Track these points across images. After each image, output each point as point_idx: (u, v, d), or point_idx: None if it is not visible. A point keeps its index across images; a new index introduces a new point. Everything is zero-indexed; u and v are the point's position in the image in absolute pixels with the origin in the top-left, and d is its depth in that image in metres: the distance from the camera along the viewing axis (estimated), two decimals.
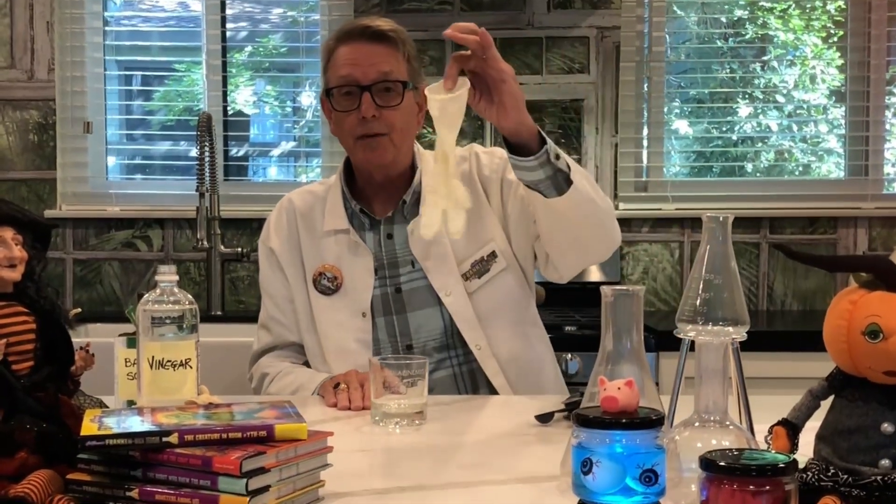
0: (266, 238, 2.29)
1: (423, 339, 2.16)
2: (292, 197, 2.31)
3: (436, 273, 2.16)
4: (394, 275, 2.18)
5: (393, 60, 2.13)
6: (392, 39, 2.14)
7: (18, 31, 3.65)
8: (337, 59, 2.15)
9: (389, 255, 2.19)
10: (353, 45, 2.14)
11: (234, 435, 1.23)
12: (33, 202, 3.68)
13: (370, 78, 2.11)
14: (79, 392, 1.42)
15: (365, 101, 2.10)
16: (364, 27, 2.14)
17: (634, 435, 1.13)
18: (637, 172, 3.75)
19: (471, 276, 2.17)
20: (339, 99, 2.15)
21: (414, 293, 2.17)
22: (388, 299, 2.17)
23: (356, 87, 2.11)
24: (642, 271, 3.68)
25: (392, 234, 2.20)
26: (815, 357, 3.06)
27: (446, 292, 2.14)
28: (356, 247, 2.19)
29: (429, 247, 2.16)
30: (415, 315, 2.17)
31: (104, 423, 1.25)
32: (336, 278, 2.18)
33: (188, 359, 1.66)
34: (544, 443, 1.68)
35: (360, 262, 2.18)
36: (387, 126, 2.12)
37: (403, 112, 2.14)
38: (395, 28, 2.17)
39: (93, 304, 3.67)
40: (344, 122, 2.15)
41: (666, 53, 3.76)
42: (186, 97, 3.97)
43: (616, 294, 1.27)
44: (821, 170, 3.91)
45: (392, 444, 1.70)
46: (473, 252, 2.18)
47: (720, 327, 1.32)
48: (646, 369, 1.28)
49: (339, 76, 2.14)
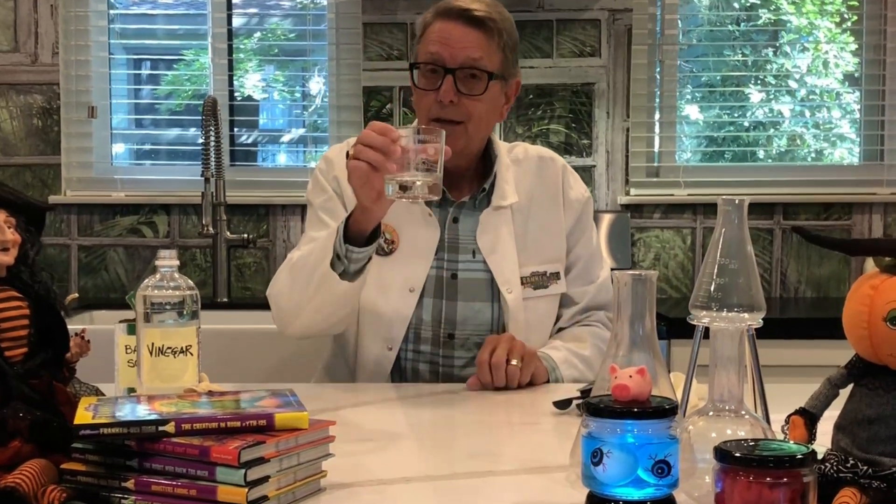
0: (330, 168, 2.16)
1: (467, 331, 2.11)
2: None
3: (500, 268, 2.11)
4: (452, 259, 2.13)
5: (486, 48, 2.05)
6: (489, 27, 2.05)
7: (22, 15, 3.61)
8: (430, 35, 2.07)
9: (452, 238, 2.14)
10: (449, 24, 2.05)
11: (233, 424, 1.19)
12: (38, 188, 3.64)
13: (457, 61, 2.04)
14: (74, 379, 1.39)
15: (446, 83, 2.03)
16: (464, 9, 2.05)
17: (647, 425, 1.09)
18: (649, 157, 3.70)
19: (527, 283, 2.14)
20: (422, 75, 2.08)
21: (470, 283, 2.12)
22: (441, 283, 2.12)
23: (441, 68, 2.04)
24: (654, 258, 3.64)
25: (458, 217, 2.15)
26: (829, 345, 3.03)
27: (508, 288, 2.10)
28: (426, 219, 2.12)
29: (496, 241, 2.12)
30: (465, 305, 2.12)
31: (99, 412, 1.21)
32: (394, 242, 2.11)
33: (189, 345, 1.63)
34: (558, 431, 1.64)
35: (424, 235, 2.12)
36: (464, 114, 2.05)
37: (485, 102, 2.07)
38: (497, 15, 2.08)
39: (98, 291, 3.64)
40: (422, 100, 2.08)
41: (678, 37, 3.71)
42: (195, 82, 3.93)
43: (630, 279, 1.22)
44: (833, 156, 3.85)
45: (398, 432, 1.66)
46: (538, 263, 2.16)
47: (735, 313, 1.28)
48: (658, 357, 1.23)
49: (427, 52, 2.06)
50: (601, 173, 3.64)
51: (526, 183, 2.19)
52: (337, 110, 3.69)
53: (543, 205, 2.19)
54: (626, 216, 3.58)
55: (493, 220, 2.14)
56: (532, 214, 2.18)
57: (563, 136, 3.63)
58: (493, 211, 2.15)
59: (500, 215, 2.15)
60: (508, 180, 2.17)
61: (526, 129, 3.62)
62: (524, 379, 1.96)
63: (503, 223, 2.15)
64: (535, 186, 2.20)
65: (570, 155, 3.62)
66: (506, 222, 2.15)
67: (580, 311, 2.19)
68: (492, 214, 2.14)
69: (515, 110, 3.61)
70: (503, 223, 2.15)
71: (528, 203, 2.18)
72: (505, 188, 2.16)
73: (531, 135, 3.62)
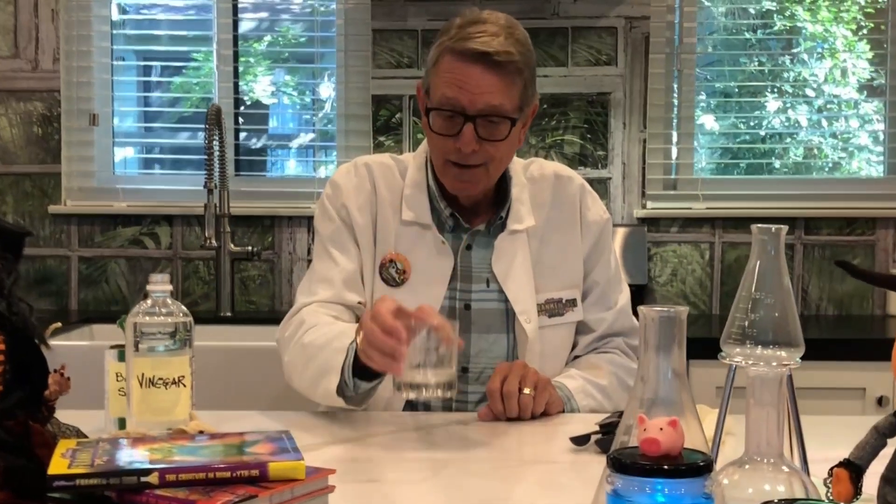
0: (338, 195, 2.05)
1: (482, 365, 2.01)
2: (370, 164, 2.07)
3: (517, 297, 2.00)
4: (465, 289, 2.02)
5: (507, 92, 1.90)
6: (511, 70, 1.90)
7: (23, 20, 3.52)
8: (444, 71, 1.91)
9: (465, 267, 2.03)
10: (466, 65, 1.89)
11: (223, 475, 1.09)
12: (37, 197, 3.55)
13: (477, 108, 1.89)
14: (53, 419, 1.28)
15: (467, 132, 1.89)
16: (482, 53, 1.87)
17: (679, 484, 0.98)
18: (666, 170, 3.59)
19: (542, 311, 2.03)
20: (438, 118, 1.93)
21: (484, 314, 2.02)
22: (454, 314, 2.00)
23: (460, 115, 1.90)
24: (671, 273, 3.53)
25: (472, 245, 2.04)
26: (852, 367, 2.93)
27: (526, 318, 2.00)
28: (439, 247, 2.01)
29: (512, 268, 2.02)
30: (479, 337, 2.01)
31: (77, 458, 1.11)
32: (405, 271, 2.00)
33: (182, 376, 1.54)
34: (576, 471, 1.54)
35: (437, 265, 2.01)
36: (485, 157, 1.93)
37: (506, 144, 1.95)
38: (517, 50, 1.91)
39: (98, 304, 3.55)
40: (438, 142, 1.95)
41: (696, 46, 3.60)
42: (203, 87, 3.83)
43: (657, 316, 1.11)
44: (851, 166, 3.74)
45: (406, 472, 1.55)
46: (554, 289, 2.05)
47: (771, 351, 1.18)
48: (689, 401, 1.12)
49: (442, 94, 1.91)
50: (617, 185, 3.54)
51: (542, 204, 2.08)
52: (345, 119, 3.59)
53: (560, 227, 2.08)
54: (643, 230, 3.47)
55: (509, 245, 2.03)
56: (548, 237, 2.07)
57: (577, 148, 3.53)
58: (509, 235, 2.03)
59: (515, 240, 2.04)
60: (524, 202, 2.06)
61: (540, 139, 3.52)
62: (538, 409, 1.85)
63: (519, 248, 2.04)
64: (552, 207, 2.09)
65: (585, 167, 3.51)
66: (521, 247, 2.04)
67: (597, 339, 2.08)
68: (507, 239, 2.03)
69: None
70: (519, 248, 2.04)
71: (544, 225, 2.07)
72: (521, 210, 2.05)
73: (545, 146, 3.51)
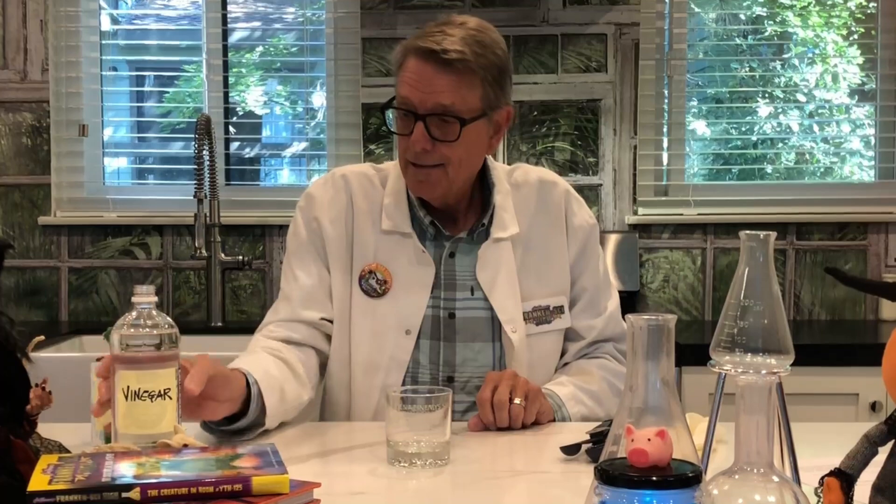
0: (311, 206, 2.03)
1: (467, 374, 1.99)
2: (347, 175, 2.05)
3: (502, 305, 1.98)
4: (449, 297, 1.99)
5: (460, 91, 1.87)
6: (463, 68, 1.87)
7: (11, 30, 3.51)
8: (404, 72, 1.91)
9: (448, 275, 2.00)
10: (420, 64, 1.88)
11: (206, 489, 1.07)
12: (27, 208, 3.53)
13: (426, 107, 1.88)
14: (35, 434, 1.27)
15: (417, 130, 1.88)
16: (433, 50, 1.86)
17: (668, 495, 0.96)
18: (657, 176, 3.58)
19: (529, 319, 2.01)
20: (398, 117, 1.94)
21: (469, 322, 1.99)
22: (438, 323, 1.98)
23: (412, 113, 1.89)
24: (663, 279, 3.52)
25: (455, 252, 2.02)
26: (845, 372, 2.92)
27: (512, 328, 1.98)
28: (419, 255, 1.99)
29: (497, 276, 1.99)
30: (465, 346, 1.99)
31: (58, 474, 1.10)
32: (386, 281, 1.98)
33: (167, 388, 1.52)
34: (567, 481, 1.52)
35: (418, 273, 1.98)
36: (441, 158, 1.91)
37: (462, 145, 1.91)
38: (472, 50, 1.88)
39: (88, 315, 3.53)
40: (399, 141, 1.95)
41: (686, 52, 3.59)
42: (196, 98, 3.82)
43: (646, 325, 1.10)
44: (843, 171, 3.74)
45: (393, 484, 1.53)
46: (540, 297, 2.02)
47: (760, 359, 1.17)
48: (678, 413, 1.11)
49: (399, 94, 1.91)
50: (608, 192, 3.53)
51: (526, 210, 2.05)
52: (336, 128, 3.58)
53: (545, 233, 2.05)
54: (634, 236, 3.46)
55: (493, 253, 2.01)
56: (533, 244, 2.04)
57: (568, 155, 3.52)
58: (493, 244, 2.01)
59: (499, 248, 2.01)
60: (508, 209, 2.03)
61: (530, 146, 3.51)
62: (528, 419, 1.84)
63: (503, 256, 2.01)
64: (537, 214, 2.06)
65: (576, 174, 3.50)
66: (506, 255, 2.01)
67: (587, 345, 2.07)
68: (491, 248, 2.01)
69: (519, 128, 3.50)
70: (503, 256, 2.01)
71: (529, 231, 2.04)
72: (504, 217, 2.02)
73: (535, 153, 3.50)
